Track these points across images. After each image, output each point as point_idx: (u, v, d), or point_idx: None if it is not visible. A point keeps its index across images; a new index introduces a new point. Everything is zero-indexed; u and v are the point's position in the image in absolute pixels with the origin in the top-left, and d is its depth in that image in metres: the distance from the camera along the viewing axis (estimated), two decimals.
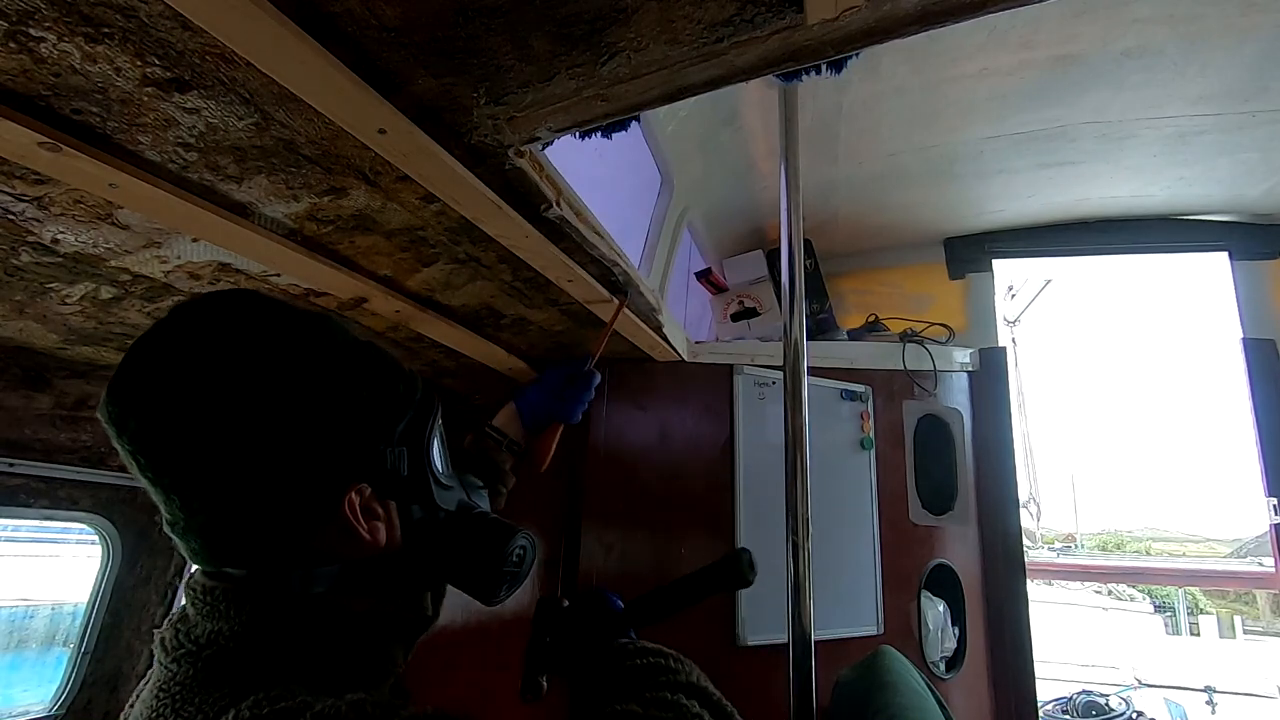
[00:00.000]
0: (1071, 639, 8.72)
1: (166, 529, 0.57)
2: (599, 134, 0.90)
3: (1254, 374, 2.34)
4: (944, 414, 2.26)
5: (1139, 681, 7.88)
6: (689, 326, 2.09)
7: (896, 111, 1.92)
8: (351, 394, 0.60)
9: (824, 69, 0.89)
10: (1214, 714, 7.47)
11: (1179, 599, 12.31)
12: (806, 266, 2.08)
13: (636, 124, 0.94)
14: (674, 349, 1.70)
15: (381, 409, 0.63)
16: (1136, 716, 6.39)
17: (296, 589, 0.57)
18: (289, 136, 0.76)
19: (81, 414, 1.46)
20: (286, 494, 0.56)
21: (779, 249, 1.33)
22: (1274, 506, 2.25)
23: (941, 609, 2.05)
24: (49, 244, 0.93)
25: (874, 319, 2.44)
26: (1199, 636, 11.41)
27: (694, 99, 0.76)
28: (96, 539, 1.60)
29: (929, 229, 2.63)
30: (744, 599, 1.70)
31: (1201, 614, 12.57)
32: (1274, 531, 2.28)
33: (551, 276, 1.17)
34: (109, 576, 1.60)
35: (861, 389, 2.08)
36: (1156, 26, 1.55)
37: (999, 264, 2.64)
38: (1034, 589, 2.50)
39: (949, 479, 2.24)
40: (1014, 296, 8.55)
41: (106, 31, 0.58)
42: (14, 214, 0.85)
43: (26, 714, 1.51)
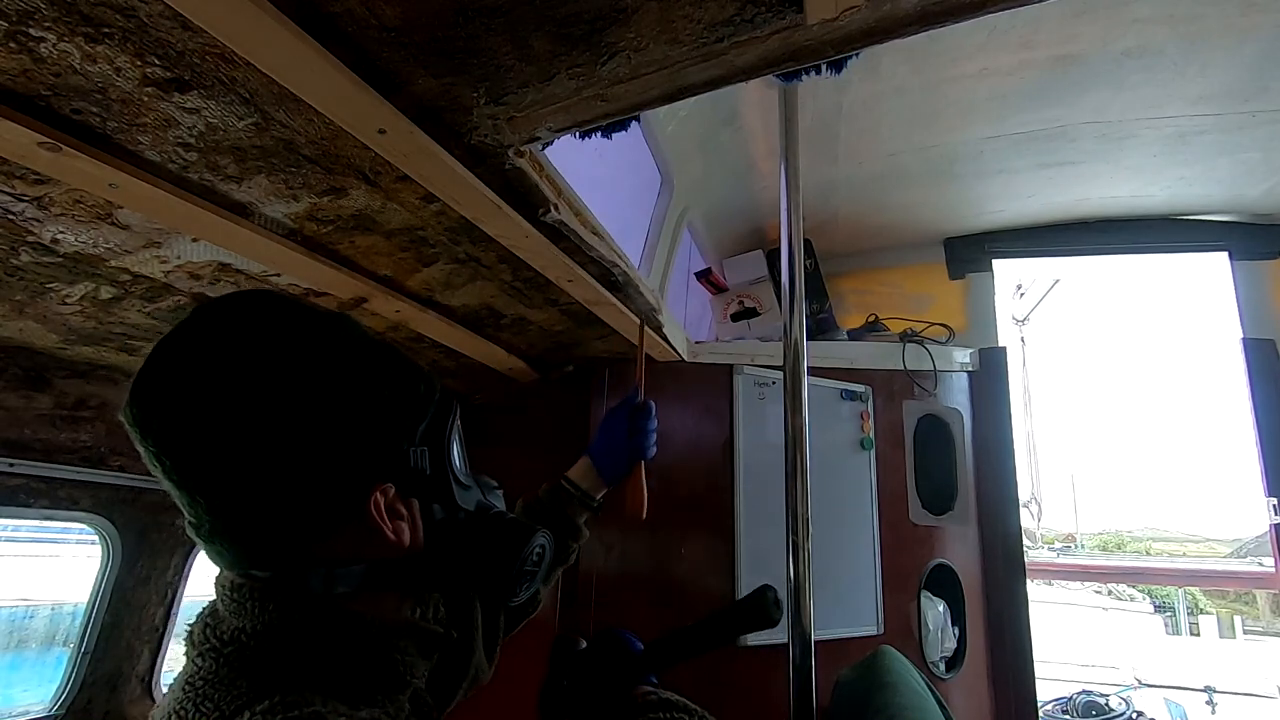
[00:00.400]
0: (1071, 639, 8.72)
1: (190, 532, 0.57)
2: (599, 134, 0.89)
3: (1254, 374, 2.34)
4: (944, 414, 2.26)
5: (1139, 681, 7.88)
6: (689, 326, 2.09)
7: (896, 111, 1.92)
8: (375, 393, 0.60)
9: (824, 69, 0.89)
10: (1214, 714, 7.47)
11: (1179, 599, 12.32)
12: (806, 266, 2.08)
13: (636, 124, 0.93)
14: (674, 349, 1.70)
15: (404, 408, 0.63)
16: (1136, 716, 6.39)
17: (320, 589, 0.57)
18: (289, 136, 0.76)
19: (81, 414, 1.46)
20: (313, 494, 0.56)
21: (779, 249, 1.33)
22: (1274, 506, 2.25)
23: (941, 609, 2.05)
24: (49, 244, 0.93)
25: (874, 319, 2.44)
26: (1199, 636, 11.41)
27: (694, 99, 0.76)
28: (96, 539, 1.60)
29: (929, 229, 2.63)
30: None
31: (1201, 614, 12.57)
32: (1274, 531, 2.28)
33: (551, 276, 1.17)
34: (109, 576, 1.60)
35: (861, 389, 2.08)
36: (1156, 26, 1.55)
37: (999, 264, 2.64)
38: (1034, 589, 2.50)
39: (949, 479, 2.24)
40: (1023, 295, 8.53)
41: (106, 31, 0.58)
42: (14, 214, 0.85)
43: (26, 714, 1.51)
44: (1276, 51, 1.60)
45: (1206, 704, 7.52)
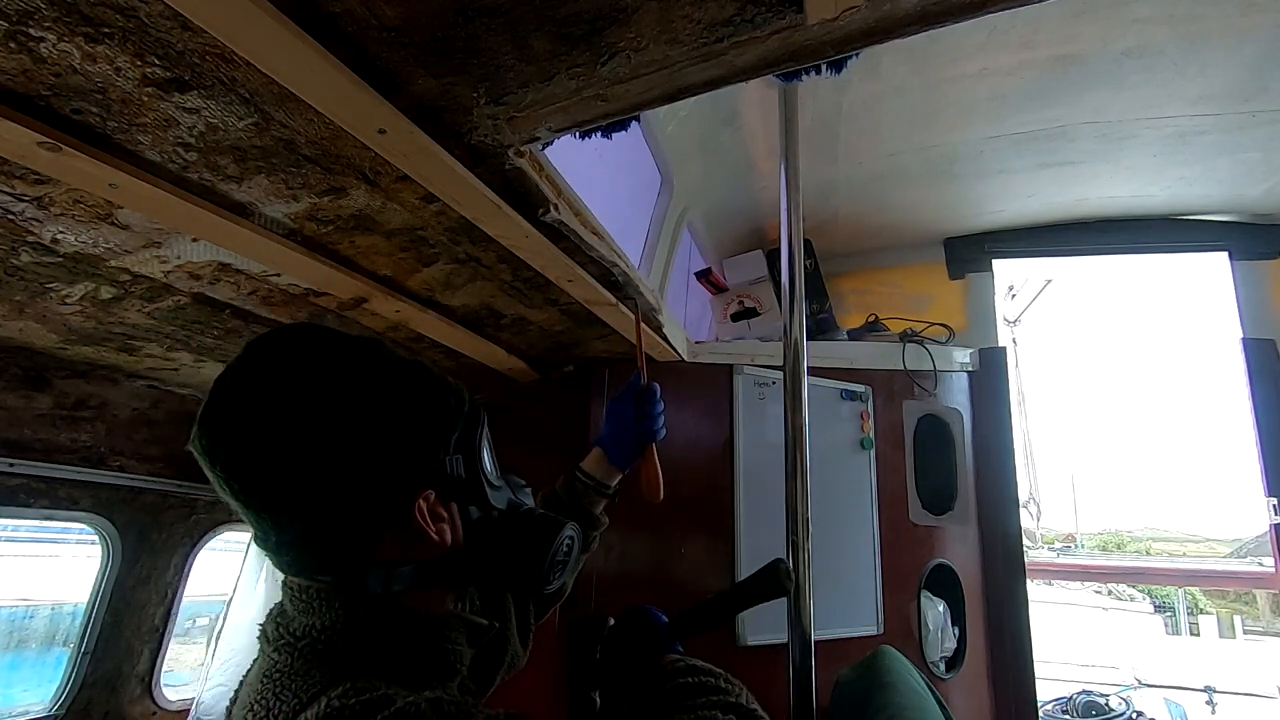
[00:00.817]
0: (1071, 639, 8.71)
1: (257, 545, 0.64)
2: (599, 134, 0.89)
3: (1254, 374, 2.34)
4: (944, 414, 2.26)
5: (1139, 681, 7.88)
6: (689, 326, 2.09)
7: (896, 111, 1.92)
8: (412, 410, 0.67)
9: (824, 69, 0.89)
10: (1214, 714, 7.46)
11: (1179, 599, 12.31)
12: (806, 266, 2.07)
13: (636, 124, 0.93)
14: (674, 349, 1.70)
15: (438, 421, 0.69)
16: (1136, 716, 6.39)
17: (379, 589, 0.64)
18: (289, 136, 0.76)
19: (81, 414, 1.46)
20: (364, 504, 0.63)
21: (779, 249, 1.33)
22: (1274, 506, 2.25)
23: (941, 609, 2.05)
24: (49, 244, 0.93)
25: (874, 319, 2.44)
26: (1199, 636, 11.40)
27: (694, 99, 0.76)
28: (96, 539, 1.60)
29: (929, 229, 2.63)
30: None
31: (1201, 614, 12.56)
32: (1274, 531, 2.28)
33: (551, 276, 1.17)
34: (109, 576, 1.60)
35: (861, 389, 2.08)
36: (1156, 26, 1.55)
37: (999, 264, 2.64)
38: (1034, 589, 2.50)
39: (949, 479, 2.24)
40: (1014, 296, 8.53)
41: (106, 31, 0.58)
42: (14, 214, 0.85)
43: (26, 714, 1.51)
44: (1276, 51, 1.60)
45: (1206, 704, 7.52)
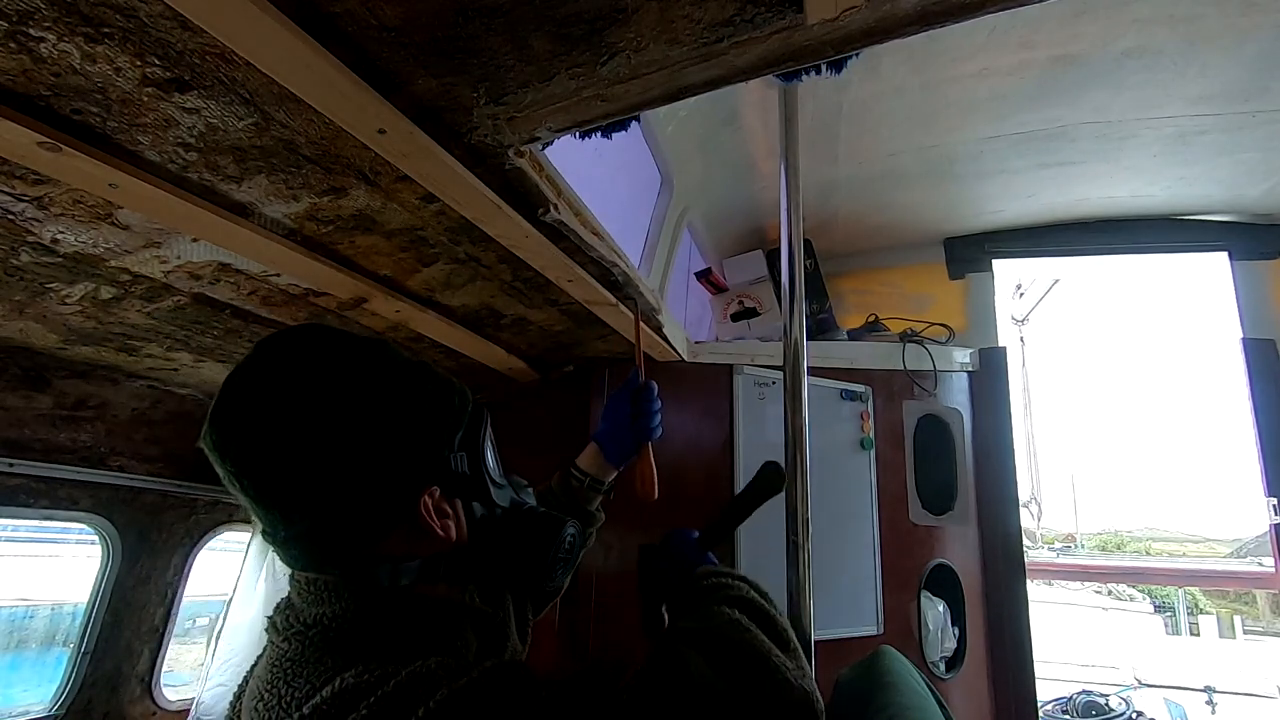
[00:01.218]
0: (1071, 639, 8.71)
1: (265, 540, 0.65)
2: (599, 134, 0.89)
3: (1254, 374, 2.34)
4: (944, 414, 2.26)
5: (1139, 681, 7.87)
6: (689, 326, 2.09)
7: (896, 111, 1.92)
8: (417, 408, 0.68)
9: (824, 69, 0.89)
10: (1214, 714, 7.46)
11: (1179, 599, 12.30)
12: (806, 266, 2.08)
13: (636, 124, 0.93)
14: (674, 349, 1.70)
15: (443, 419, 0.71)
16: (1136, 716, 6.38)
17: (388, 583, 0.65)
18: (289, 136, 0.76)
19: (81, 414, 1.46)
20: (371, 500, 0.64)
21: (779, 249, 1.33)
22: (1274, 506, 2.25)
23: (941, 609, 2.05)
24: (49, 244, 0.93)
25: (874, 319, 2.44)
26: (1199, 636, 11.39)
27: (694, 99, 0.76)
28: (96, 539, 1.60)
29: (929, 229, 2.63)
30: None
31: (1201, 614, 12.55)
32: (1274, 531, 2.28)
33: (551, 276, 1.17)
34: (109, 576, 1.60)
35: (861, 389, 2.08)
36: (1156, 26, 1.55)
37: (999, 264, 2.64)
38: (1034, 589, 2.50)
39: (949, 479, 2.24)
40: (1022, 295, 8.52)
41: (106, 31, 0.58)
42: (14, 214, 0.85)
43: (26, 714, 1.51)
44: (1276, 51, 1.60)
45: (1206, 704, 7.51)
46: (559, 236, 1.04)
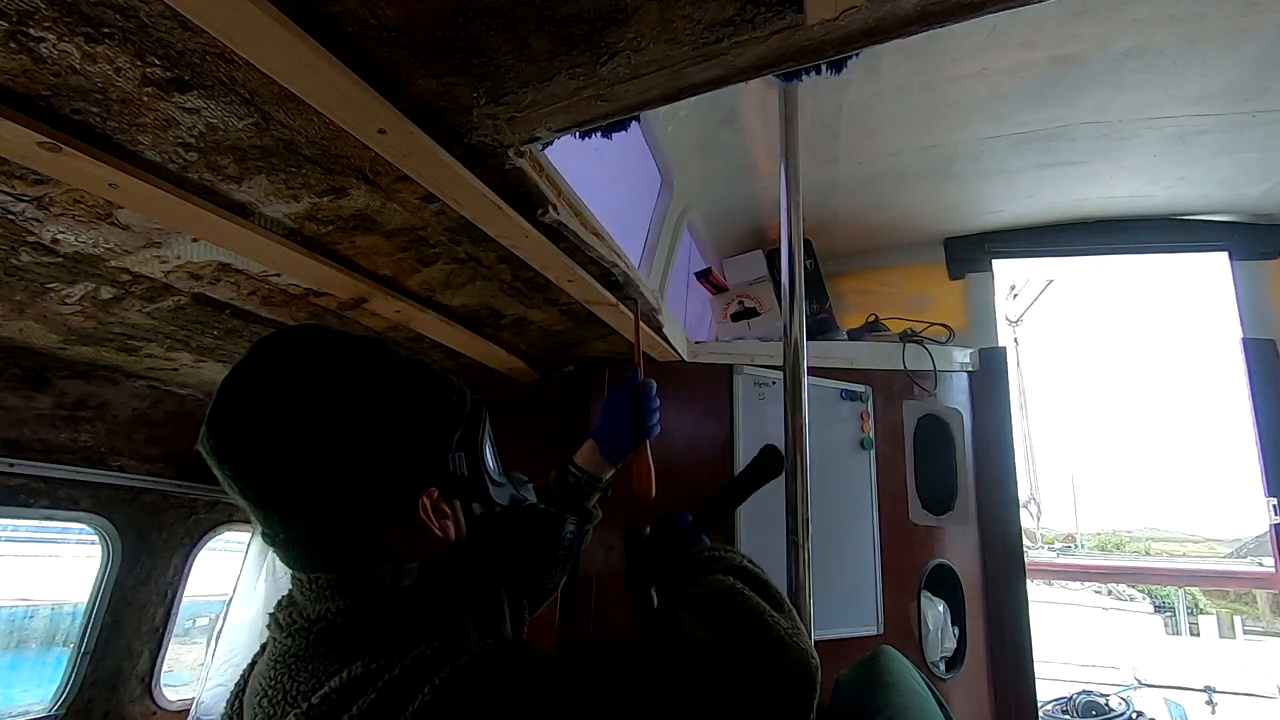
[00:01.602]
0: (1071, 639, 8.71)
1: (265, 542, 0.65)
2: (599, 134, 0.89)
3: (1254, 374, 2.34)
4: (944, 414, 2.26)
5: (1139, 681, 7.87)
6: (689, 326, 2.09)
7: (896, 111, 1.91)
8: (415, 409, 0.68)
9: (824, 69, 0.89)
10: (1214, 714, 7.46)
11: (1179, 599, 12.30)
12: (806, 266, 2.07)
13: (636, 124, 0.93)
14: (674, 349, 1.70)
15: (441, 419, 0.70)
16: (1136, 716, 6.38)
17: (389, 582, 0.65)
18: (289, 136, 0.76)
19: (81, 414, 1.46)
20: (369, 501, 0.64)
21: (779, 249, 1.33)
22: (1274, 506, 2.25)
23: (941, 609, 2.05)
24: (49, 244, 0.93)
25: (874, 319, 2.44)
26: (1199, 636, 11.39)
27: (694, 99, 0.76)
28: (96, 539, 1.60)
29: (929, 229, 2.63)
30: None
31: (1201, 614, 12.55)
32: (1274, 531, 2.28)
33: (551, 276, 1.17)
34: (109, 576, 1.60)
35: (861, 389, 2.08)
36: (1156, 26, 1.55)
37: (999, 264, 2.64)
38: (1034, 589, 2.50)
39: (949, 479, 2.23)
40: (1016, 296, 8.53)
41: (106, 31, 0.58)
42: (14, 214, 0.85)
43: (26, 714, 1.51)
44: (1276, 51, 1.60)
45: (1206, 704, 7.51)
46: (559, 236, 1.04)
